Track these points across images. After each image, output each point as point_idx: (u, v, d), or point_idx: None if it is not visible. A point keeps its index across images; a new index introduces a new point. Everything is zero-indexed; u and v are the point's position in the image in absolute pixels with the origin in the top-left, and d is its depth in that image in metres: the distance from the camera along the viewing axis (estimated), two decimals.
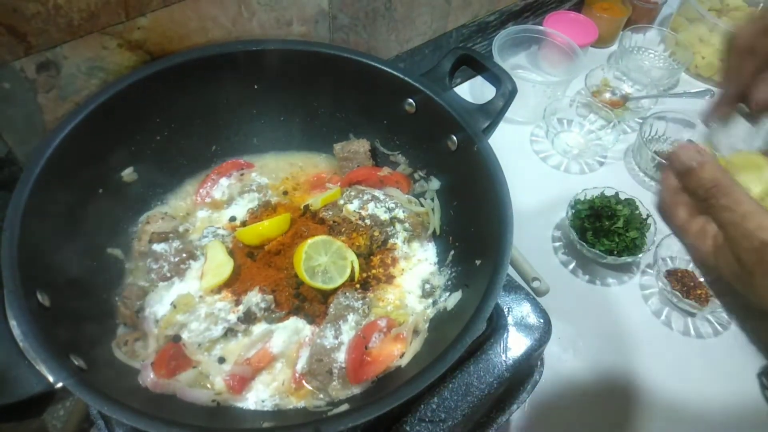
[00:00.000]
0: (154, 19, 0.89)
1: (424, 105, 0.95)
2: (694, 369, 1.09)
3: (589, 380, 1.08)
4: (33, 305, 0.69)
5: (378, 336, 0.85)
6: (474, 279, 0.84)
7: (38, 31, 0.78)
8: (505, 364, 0.90)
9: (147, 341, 0.84)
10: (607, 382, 1.08)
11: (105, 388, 0.66)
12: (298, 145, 1.11)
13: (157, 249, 0.90)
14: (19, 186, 0.75)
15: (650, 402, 1.05)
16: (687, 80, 1.62)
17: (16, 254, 0.71)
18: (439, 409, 0.86)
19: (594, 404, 1.05)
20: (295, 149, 1.11)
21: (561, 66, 1.51)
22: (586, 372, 1.08)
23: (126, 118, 0.89)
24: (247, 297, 0.87)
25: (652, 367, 1.09)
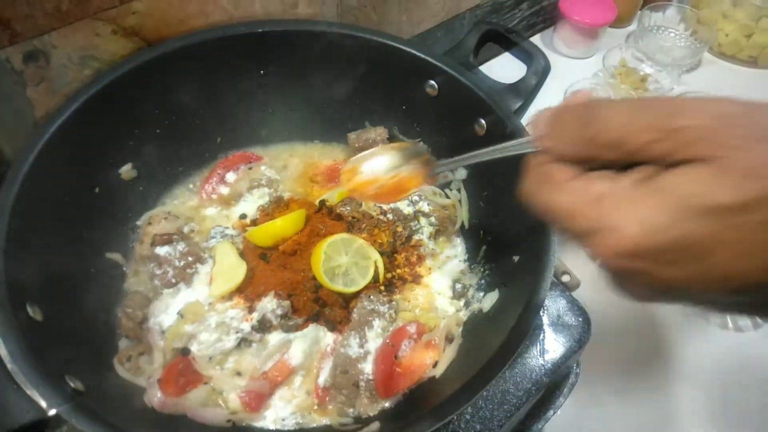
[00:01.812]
0: (151, 2, 0.84)
1: (447, 86, 0.88)
2: (734, 363, 1.04)
3: (625, 377, 1.03)
4: (22, 320, 0.63)
5: (408, 343, 0.80)
6: (512, 277, 0.79)
7: (23, 17, 0.73)
8: (544, 368, 0.85)
9: (152, 355, 0.78)
10: (643, 378, 1.03)
11: (106, 413, 0.60)
12: (311, 135, 1.06)
13: (160, 252, 0.85)
14: (5, 186, 0.70)
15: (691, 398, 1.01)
16: (710, 59, 1.56)
17: (3, 262, 0.65)
18: (474, 420, 0.80)
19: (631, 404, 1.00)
20: (308, 139, 1.06)
21: (578, 47, 1.46)
22: (621, 368, 1.03)
23: (122, 109, 0.84)
24: (261, 303, 0.81)
25: (690, 361, 1.05)
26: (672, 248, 0.34)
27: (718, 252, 0.33)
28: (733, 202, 0.32)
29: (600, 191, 0.37)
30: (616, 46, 1.47)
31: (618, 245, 0.35)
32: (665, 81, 1.43)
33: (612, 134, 0.36)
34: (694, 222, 0.33)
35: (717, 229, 0.33)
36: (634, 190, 0.36)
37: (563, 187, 0.39)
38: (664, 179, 0.35)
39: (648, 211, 0.34)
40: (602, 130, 0.37)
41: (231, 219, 0.95)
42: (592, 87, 1.38)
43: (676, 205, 0.34)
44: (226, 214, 0.95)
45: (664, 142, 0.35)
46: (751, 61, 1.50)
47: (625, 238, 0.35)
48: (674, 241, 0.34)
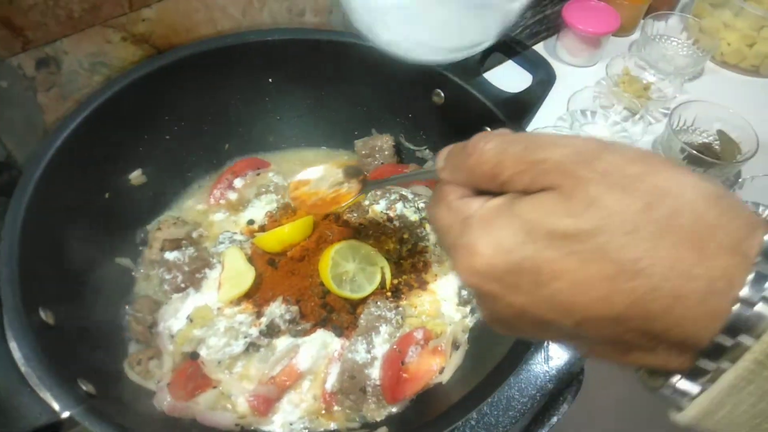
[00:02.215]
0: (160, 10, 0.84)
1: (454, 95, 0.89)
2: None
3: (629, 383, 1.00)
4: (35, 324, 0.64)
5: (415, 349, 0.80)
6: None
7: (36, 25, 0.74)
8: (548, 374, 0.85)
9: (162, 359, 0.78)
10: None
11: (117, 416, 0.61)
12: (317, 142, 1.06)
13: (169, 258, 0.85)
14: (17, 192, 0.70)
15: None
16: (713, 68, 1.56)
17: (17, 267, 0.65)
18: (479, 426, 0.81)
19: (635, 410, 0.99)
20: (315, 146, 1.06)
21: (582, 56, 1.46)
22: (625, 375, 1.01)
23: (132, 116, 0.84)
24: (269, 308, 0.82)
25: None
26: (516, 270, 0.35)
27: (557, 280, 0.33)
28: (571, 229, 0.33)
29: (470, 211, 0.39)
30: (619, 54, 1.46)
31: (471, 264, 0.37)
32: (668, 89, 1.43)
33: (487, 166, 0.38)
34: (536, 246, 0.34)
35: (556, 256, 0.33)
36: (495, 213, 0.37)
37: (447, 205, 0.41)
38: (517, 204, 0.36)
39: (500, 233, 0.35)
40: (480, 162, 0.38)
41: (239, 224, 0.94)
42: (595, 95, 1.38)
43: (521, 228, 0.35)
44: (234, 219, 0.95)
45: (527, 173, 0.36)
46: (753, 70, 1.50)
47: (478, 256, 0.36)
48: (517, 263, 0.35)
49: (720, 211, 0.32)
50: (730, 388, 0.32)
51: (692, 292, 0.31)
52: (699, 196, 0.32)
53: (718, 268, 0.31)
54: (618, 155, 0.34)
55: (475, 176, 0.39)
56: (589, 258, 0.32)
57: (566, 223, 0.33)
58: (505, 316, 0.38)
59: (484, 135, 0.39)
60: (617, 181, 0.33)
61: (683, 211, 0.32)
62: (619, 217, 0.32)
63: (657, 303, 0.32)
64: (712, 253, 0.31)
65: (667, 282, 0.31)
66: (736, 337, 0.31)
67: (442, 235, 0.41)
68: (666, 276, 0.31)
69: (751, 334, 0.31)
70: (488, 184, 0.39)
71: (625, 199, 0.32)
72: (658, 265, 0.31)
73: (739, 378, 0.31)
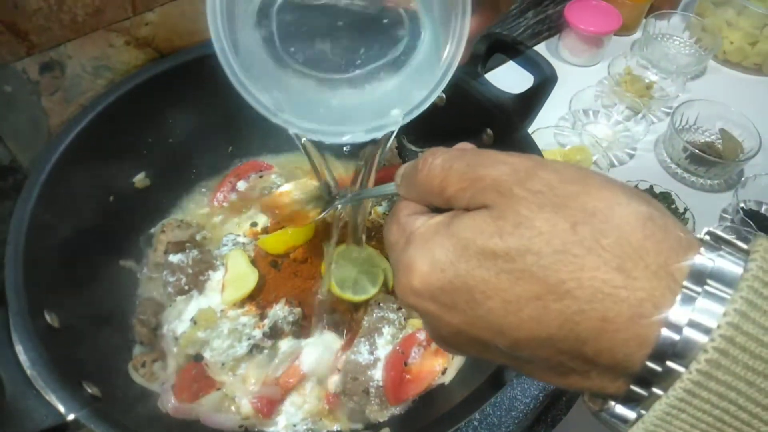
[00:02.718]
0: (163, 13, 0.84)
1: (455, 96, 0.88)
2: None
3: None
4: (41, 327, 0.64)
5: (417, 350, 0.79)
6: None
7: (40, 29, 0.73)
8: None
9: (166, 361, 0.79)
10: None
11: (122, 418, 0.61)
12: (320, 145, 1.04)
13: (173, 260, 0.85)
14: (22, 195, 0.70)
15: None
16: (715, 67, 1.56)
17: (22, 270, 0.65)
18: (482, 426, 0.81)
19: None
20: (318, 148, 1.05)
21: (584, 55, 1.47)
22: None
23: (135, 119, 0.84)
24: (272, 310, 0.82)
25: None
26: (449, 289, 0.34)
27: (490, 299, 0.33)
28: (501, 248, 0.33)
29: (413, 228, 0.38)
30: (621, 54, 1.47)
31: (409, 281, 0.36)
32: (670, 88, 1.43)
33: (435, 182, 0.38)
34: (468, 265, 0.34)
35: (487, 275, 0.33)
36: (433, 231, 0.37)
37: (397, 221, 0.41)
38: (455, 222, 0.36)
39: (436, 251, 0.35)
40: (428, 178, 0.38)
41: (242, 227, 0.94)
42: (597, 95, 1.38)
43: (455, 246, 0.35)
44: (238, 221, 0.95)
45: (468, 190, 0.36)
46: (756, 68, 1.50)
47: (415, 274, 0.36)
48: (450, 282, 0.34)
49: (648, 233, 0.31)
50: (663, 416, 0.31)
51: (618, 315, 0.31)
52: (627, 216, 0.32)
53: (644, 290, 0.30)
54: (554, 174, 0.34)
55: (425, 192, 0.39)
56: (519, 277, 0.32)
57: (495, 242, 0.33)
58: (445, 336, 0.38)
59: (433, 151, 0.39)
60: (549, 200, 0.33)
61: (609, 232, 0.31)
62: (546, 236, 0.32)
63: (585, 325, 0.31)
64: (638, 275, 0.31)
65: (592, 304, 0.31)
66: (665, 363, 0.30)
67: (390, 251, 0.41)
68: (591, 298, 0.31)
69: (681, 360, 0.30)
70: (437, 200, 0.39)
71: (553, 218, 0.32)
72: (584, 287, 0.31)
73: (671, 407, 0.30)
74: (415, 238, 0.38)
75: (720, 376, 0.29)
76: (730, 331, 0.29)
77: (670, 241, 0.32)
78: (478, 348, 0.37)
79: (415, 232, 0.38)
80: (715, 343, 0.29)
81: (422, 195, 0.40)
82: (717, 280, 0.30)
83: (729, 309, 0.29)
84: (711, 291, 0.30)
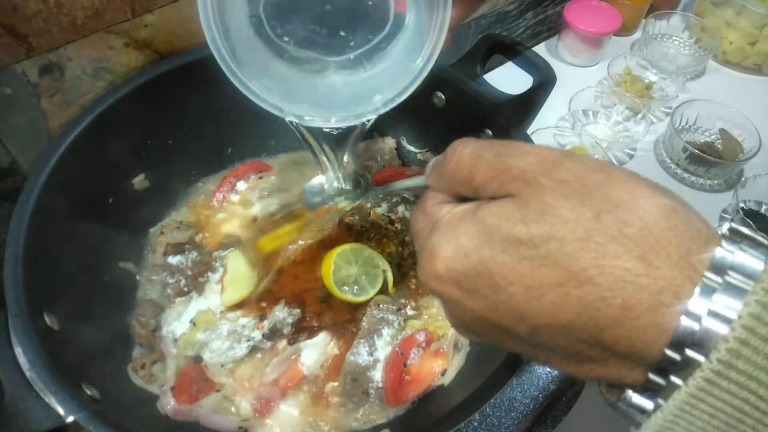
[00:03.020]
0: (162, 15, 0.84)
1: (454, 98, 0.89)
2: None
3: None
4: (40, 329, 0.64)
5: (417, 351, 0.80)
6: None
7: (40, 31, 0.74)
8: (551, 375, 0.85)
9: (165, 363, 0.79)
10: None
11: (121, 420, 0.61)
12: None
13: (172, 262, 0.85)
14: (22, 197, 0.70)
15: None
16: (715, 67, 1.56)
17: (21, 272, 0.66)
18: (482, 427, 0.81)
19: None
20: None
21: (583, 56, 1.46)
22: None
23: (135, 121, 0.84)
24: (272, 312, 0.82)
25: None
26: (473, 274, 0.35)
27: (512, 285, 0.34)
28: (524, 235, 0.33)
29: (439, 216, 0.39)
30: (620, 54, 1.46)
31: (433, 267, 0.37)
32: (670, 88, 1.43)
33: (463, 171, 0.38)
34: (492, 251, 0.34)
35: (509, 261, 0.34)
36: (459, 218, 0.37)
37: (424, 210, 0.41)
38: (481, 209, 0.36)
39: (461, 237, 0.36)
40: (457, 168, 0.39)
41: (242, 228, 0.94)
42: (596, 95, 1.38)
43: (480, 233, 0.35)
44: (237, 223, 0.95)
45: (496, 179, 0.36)
46: (756, 68, 1.50)
47: (438, 260, 0.36)
48: (473, 267, 0.35)
49: (671, 224, 0.32)
50: (683, 406, 0.31)
51: (638, 304, 0.31)
52: (651, 207, 0.32)
53: (665, 279, 0.31)
54: (579, 165, 0.34)
55: (453, 182, 0.40)
56: (541, 263, 0.33)
57: (519, 229, 0.34)
58: (467, 321, 0.39)
59: (462, 141, 0.39)
60: (574, 189, 0.33)
61: (633, 222, 0.32)
62: (570, 224, 0.32)
63: (604, 312, 0.32)
64: (659, 264, 0.31)
65: (613, 291, 0.31)
66: (684, 351, 0.31)
67: (415, 239, 0.42)
68: (613, 285, 0.31)
69: (700, 349, 0.30)
70: (464, 190, 0.39)
71: (578, 207, 0.33)
72: (605, 275, 0.31)
73: (691, 396, 0.31)
74: (440, 225, 0.38)
75: (740, 366, 0.30)
76: (751, 321, 0.29)
77: (692, 233, 0.32)
78: (498, 334, 0.38)
79: (440, 220, 0.39)
80: (736, 333, 0.29)
81: (450, 184, 0.40)
82: (738, 271, 0.31)
83: (750, 300, 0.30)
84: (732, 282, 0.30)
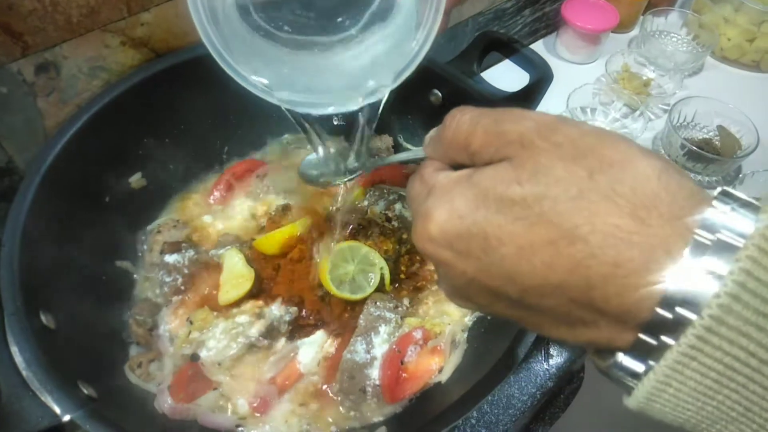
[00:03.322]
0: (158, 13, 0.84)
1: (451, 95, 0.89)
2: None
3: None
4: (37, 328, 0.64)
5: (414, 349, 0.79)
6: None
7: (35, 30, 0.74)
8: (548, 372, 0.85)
9: (162, 362, 0.78)
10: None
11: (118, 419, 0.61)
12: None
13: (169, 260, 0.85)
14: (18, 197, 0.70)
15: None
16: (713, 64, 1.56)
17: (17, 271, 0.66)
18: (479, 425, 0.81)
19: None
20: None
21: (581, 53, 1.46)
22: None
23: (131, 120, 0.84)
24: (269, 310, 0.81)
25: None
26: (466, 236, 0.36)
27: (504, 245, 0.34)
28: (518, 195, 0.34)
29: (435, 181, 0.40)
30: (618, 51, 1.46)
31: (426, 229, 0.37)
32: (668, 85, 1.43)
33: (461, 137, 0.39)
34: (486, 212, 0.35)
35: (503, 221, 0.34)
36: (455, 182, 0.38)
37: (421, 177, 0.42)
38: (477, 173, 0.37)
39: (456, 200, 0.36)
40: (455, 134, 0.39)
41: (238, 226, 0.94)
42: (594, 92, 1.38)
43: (475, 196, 0.36)
44: (234, 221, 0.95)
45: (493, 144, 0.37)
46: (754, 65, 1.50)
47: (433, 222, 0.37)
48: (467, 229, 0.35)
49: (663, 184, 0.32)
50: (674, 365, 0.31)
51: (630, 261, 0.31)
52: (644, 167, 0.33)
53: (657, 236, 0.31)
54: (574, 128, 0.35)
55: (451, 148, 0.40)
56: (534, 222, 0.33)
57: (514, 190, 0.34)
58: (458, 285, 0.39)
59: (461, 108, 0.40)
60: (568, 151, 0.34)
61: (626, 181, 0.32)
62: (564, 184, 0.33)
63: (595, 270, 0.32)
64: (651, 222, 0.31)
65: (604, 249, 0.32)
66: (675, 310, 0.31)
67: (410, 204, 0.42)
68: (604, 243, 0.32)
69: (692, 307, 0.30)
70: (461, 157, 0.40)
71: (572, 167, 0.33)
72: (597, 232, 0.32)
73: (683, 355, 0.31)
74: (436, 189, 0.39)
75: (731, 322, 0.30)
76: (742, 276, 0.29)
77: (684, 193, 0.32)
78: (488, 298, 0.38)
79: (436, 185, 0.39)
80: (728, 288, 0.30)
81: (447, 152, 0.41)
82: (729, 230, 0.31)
83: (741, 255, 0.30)
84: (723, 240, 0.30)
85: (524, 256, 0.34)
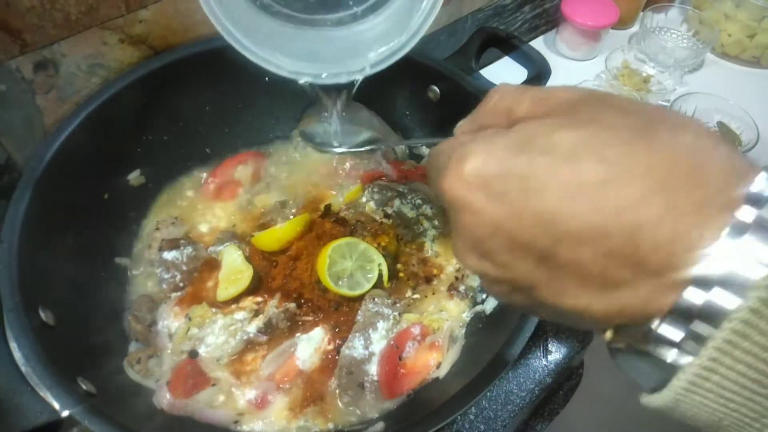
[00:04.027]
0: (157, 10, 0.84)
1: (449, 92, 0.89)
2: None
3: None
4: (35, 324, 0.64)
5: (412, 345, 0.80)
6: None
7: (34, 27, 0.74)
8: (547, 368, 0.85)
9: (161, 358, 0.78)
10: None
11: (117, 415, 0.61)
12: None
13: (168, 257, 0.85)
14: (16, 194, 0.70)
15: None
16: (713, 60, 1.56)
17: (16, 268, 0.66)
18: (478, 420, 0.81)
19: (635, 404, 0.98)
20: None
21: (581, 49, 1.46)
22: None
23: (130, 117, 0.84)
24: (267, 306, 0.82)
25: None
26: (505, 176, 0.34)
27: (546, 189, 0.32)
28: (567, 139, 0.33)
29: (471, 137, 0.39)
30: (618, 47, 1.46)
31: (459, 171, 0.36)
32: (668, 82, 1.43)
33: (505, 103, 0.40)
34: (530, 155, 0.34)
35: (550, 161, 0.33)
36: (496, 132, 0.37)
37: (454, 138, 0.43)
38: (521, 124, 0.37)
39: (497, 145, 0.35)
40: (500, 100, 0.41)
41: (237, 223, 0.94)
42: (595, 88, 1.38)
43: (518, 140, 0.35)
44: (232, 218, 0.95)
45: (541, 107, 0.38)
46: (755, 61, 1.50)
47: (471, 162, 0.35)
48: (508, 169, 0.34)
49: (720, 147, 0.31)
50: (731, 337, 0.27)
51: (682, 207, 0.29)
52: (699, 129, 0.32)
53: (715, 186, 0.29)
54: (624, 100, 0.36)
55: (491, 115, 0.41)
56: (584, 160, 0.32)
57: (562, 134, 0.33)
58: (479, 236, 0.36)
59: (505, 83, 0.42)
60: (622, 107, 0.34)
61: (685, 133, 0.32)
62: (618, 129, 0.33)
63: (645, 214, 0.30)
64: (707, 174, 0.30)
65: (658, 194, 0.30)
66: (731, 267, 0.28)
67: (435, 163, 0.41)
68: (659, 186, 0.30)
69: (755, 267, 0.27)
70: (500, 120, 0.40)
71: (624, 118, 0.33)
72: (652, 174, 0.30)
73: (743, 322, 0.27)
74: (476, 138, 0.38)
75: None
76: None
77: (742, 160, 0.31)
78: (511, 253, 0.35)
79: (476, 137, 0.38)
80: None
81: (486, 119, 0.41)
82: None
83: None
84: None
85: (568, 196, 0.31)
